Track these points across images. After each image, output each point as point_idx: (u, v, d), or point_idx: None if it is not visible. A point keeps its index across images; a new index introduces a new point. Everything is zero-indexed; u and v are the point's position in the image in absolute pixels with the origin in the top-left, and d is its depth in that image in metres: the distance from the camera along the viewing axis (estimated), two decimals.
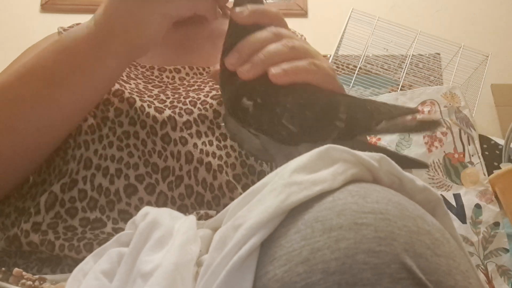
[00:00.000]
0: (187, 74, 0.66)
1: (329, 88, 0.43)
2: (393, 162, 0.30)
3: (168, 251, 0.30)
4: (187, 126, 0.54)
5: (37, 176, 0.55)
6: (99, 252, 0.35)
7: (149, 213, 0.35)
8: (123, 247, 0.35)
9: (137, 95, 0.56)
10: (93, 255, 0.35)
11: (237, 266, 0.24)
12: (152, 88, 0.60)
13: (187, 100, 0.57)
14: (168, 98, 0.57)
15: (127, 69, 0.64)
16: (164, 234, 0.33)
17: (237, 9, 0.43)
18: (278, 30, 0.44)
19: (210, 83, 0.62)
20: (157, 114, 0.54)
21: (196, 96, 0.58)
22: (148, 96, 0.57)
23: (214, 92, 0.58)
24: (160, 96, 0.58)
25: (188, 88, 0.60)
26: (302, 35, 0.79)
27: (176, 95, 0.58)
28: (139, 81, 0.61)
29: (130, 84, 0.58)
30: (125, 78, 0.60)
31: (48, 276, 0.42)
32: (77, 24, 0.74)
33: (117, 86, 0.55)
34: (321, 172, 0.28)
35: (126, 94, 0.55)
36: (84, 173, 0.51)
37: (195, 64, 0.68)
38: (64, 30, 0.71)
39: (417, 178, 0.31)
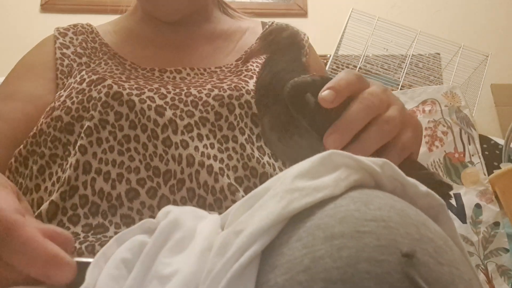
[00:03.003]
0: (188, 74, 0.66)
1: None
2: (396, 167, 0.30)
3: (188, 256, 0.29)
4: (188, 130, 0.54)
5: (29, 181, 0.55)
6: (122, 237, 0.33)
7: (171, 212, 0.34)
8: (146, 234, 0.33)
9: (136, 91, 0.55)
10: (116, 238, 0.33)
11: (237, 274, 0.24)
12: (152, 83, 0.60)
13: (189, 100, 0.57)
14: (169, 92, 0.57)
15: (127, 72, 0.64)
16: (185, 236, 0.32)
17: (323, 94, 0.42)
18: (370, 100, 0.43)
19: (212, 82, 0.61)
20: (158, 118, 0.54)
21: (197, 95, 0.57)
22: (149, 90, 0.56)
23: (216, 92, 0.58)
24: (160, 90, 0.57)
25: (190, 85, 0.60)
26: (305, 34, 0.79)
27: (178, 90, 0.57)
28: (139, 80, 0.61)
29: (130, 82, 0.58)
30: (124, 79, 0.59)
31: None
32: (74, 25, 0.73)
33: (115, 88, 0.55)
34: (323, 178, 0.28)
35: (125, 97, 0.54)
36: (84, 178, 0.51)
37: (195, 65, 0.68)
38: (59, 32, 0.71)
39: (420, 183, 0.30)
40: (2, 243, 0.29)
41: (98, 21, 0.78)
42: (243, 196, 0.49)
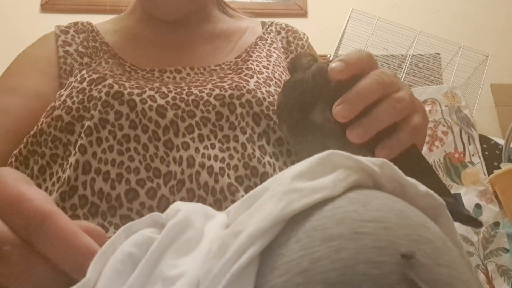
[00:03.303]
0: (188, 74, 0.66)
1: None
2: (395, 167, 0.30)
3: (195, 259, 0.29)
4: (189, 131, 0.54)
5: None
6: (131, 228, 0.32)
7: (180, 210, 0.33)
8: (155, 228, 0.32)
9: (137, 90, 0.55)
10: (124, 229, 0.32)
11: (236, 275, 0.24)
12: (153, 82, 0.60)
13: (190, 99, 0.56)
14: (170, 92, 0.57)
15: (127, 73, 0.64)
16: (193, 237, 0.31)
17: (333, 65, 0.43)
18: (381, 78, 0.43)
19: (213, 81, 0.61)
20: (159, 119, 0.54)
21: (199, 94, 0.57)
22: (150, 89, 0.56)
23: (217, 91, 0.58)
24: (161, 89, 0.57)
25: (190, 84, 0.60)
26: (304, 34, 0.79)
27: (179, 89, 0.57)
28: (139, 81, 0.60)
29: (131, 82, 0.58)
30: (124, 79, 0.59)
31: None
32: (75, 23, 0.73)
33: (116, 87, 0.55)
34: (322, 179, 0.28)
35: (126, 97, 0.54)
36: (83, 178, 0.51)
37: (195, 64, 0.68)
38: (61, 30, 0.71)
39: (420, 183, 0.30)
40: (37, 234, 0.28)
41: (98, 21, 0.78)
42: (243, 196, 0.49)
